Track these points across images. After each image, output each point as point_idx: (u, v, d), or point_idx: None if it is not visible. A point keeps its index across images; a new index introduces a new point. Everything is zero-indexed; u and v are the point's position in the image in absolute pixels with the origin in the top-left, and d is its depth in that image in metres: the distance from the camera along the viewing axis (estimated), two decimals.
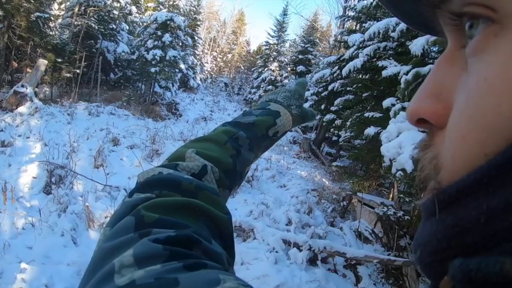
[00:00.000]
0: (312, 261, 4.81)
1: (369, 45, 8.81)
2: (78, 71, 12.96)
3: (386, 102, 6.52)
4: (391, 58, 7.89)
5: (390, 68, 7.13)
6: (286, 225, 5.72)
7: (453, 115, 0.25)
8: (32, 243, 3.95)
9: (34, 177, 5.46)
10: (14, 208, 4.47)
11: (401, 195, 6.08)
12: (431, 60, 5.93)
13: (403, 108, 5.58)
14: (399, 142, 4.26)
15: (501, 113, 0.20)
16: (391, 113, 5.94)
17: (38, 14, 11.62)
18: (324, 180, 9.84)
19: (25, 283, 3.08)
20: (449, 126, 0.25)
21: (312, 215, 6.34)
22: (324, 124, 14.36)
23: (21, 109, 8.42)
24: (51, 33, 13.04)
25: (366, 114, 8.19)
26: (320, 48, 26.49)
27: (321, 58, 20.92)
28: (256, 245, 4.93)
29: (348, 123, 9.38)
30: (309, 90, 16.92)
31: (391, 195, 7.08)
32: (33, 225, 4.22)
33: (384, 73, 7.15)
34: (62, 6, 17.20)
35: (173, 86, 17.14)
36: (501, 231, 0.20)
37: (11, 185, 4.69)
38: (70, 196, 4.89)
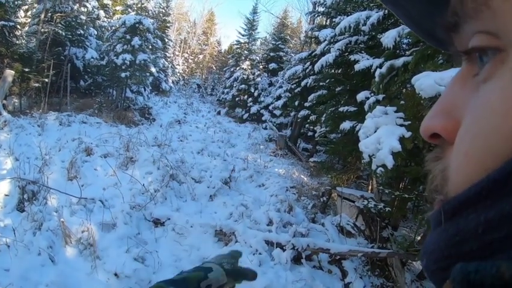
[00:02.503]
0: (296, 260, 4.82)
1: (341, 40, 8.87)
2: (47, 80, 12.57)
3: (360, 96, 6.57)
4: (363, 52, 7.96)
5: (363, 61, 7.18)
6: (268, 225, 5.69)
7: (460, 132, 0.27)
8: (9, 265, 3.79)
9: (6, 195, 5.26)
10: None
11: (381, 187, 6.14)
12: (403, 52, 5.99)
13: (378, 102, 5.63)
14: (378, 137, 4.28)
15: (499, 133, 0.22)
16: (366, 107, 5.98)
17: (3, 22, 11.23)
18: (302, 176, 9.87)
19: None
20: (456, 142, 0.27)
21: (292, 212, 6.32)
22: (298, 120, 14.44)
23: None
24: (17, 42, 12.65)
25: (341, 109, 8.25)
26: (291, 45, 26.58)
27: (292, 55, 21.03)
28: (238, 248, 4.88)
29: (323, 118, 9.44)
30: (282, 87, 16.99)
31: (370, 187, 7.16)
32: (8, 246, 4.04)
33: (356, 67, 7.20)
34: (29, 13, 16.71)
35: (145, 90, 16.92)
36: (497, 241, 0.22)
37: None
38: (44, 212, 4.70)
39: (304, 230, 5.43)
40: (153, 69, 16.32)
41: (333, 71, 9.79)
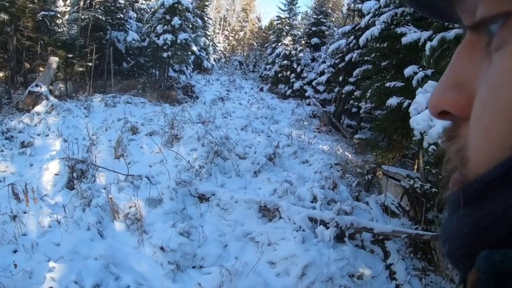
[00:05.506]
0: (339, 238, 4.76)
1: (386, 12, 8.49)
2: (90, 64, 13.06)
3: (408, 71, 6.28)
4: (410, 24, 7.55)
5: (410, 34, 6.85)
6: (312, 202, 5.64)
7: (475, 106, 0.24)
8: (59, 240, 4.01)
9: (56, 174, 5.53)
10: (39, 207, 4.54)
11: (427, 167, 5.88)
12: (453, 24, 5.62)
13: (427, 77, 5.34)
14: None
15: None
16: (414, 82, 5.72)
17: (43, 13, 11.72)
18: (346, 153, 9.68)
19: (55, 282, 3.10)
20: (472, 118, 0.24)
21: (337, 190, 6.22)
22: (343, 96, 14.13)
23: (38, 108, 8.54)
24: (59, 30, 13.23)
25: (387, 84, 7.95)
26: (334, 19, 25.86)
27: (335, 29, 20.48)
28: (282, 224, 4.90)
29: (368, 94, 9.18)
30: (325, 62, 16.63)
31: (416, 166, 6.90)
32: (59, 222, 4.28)
33: (403, 40, 6.89)
34: (68, 2, 17.27)
35: (187, 69, 17.06)
36: None
37: (32, 186, 4.69)
38: (93, 189, 4.91)
39: (348, 208, 5.33)
40: (194, 48, 16.43)
41: (378, 44, 9.42)
